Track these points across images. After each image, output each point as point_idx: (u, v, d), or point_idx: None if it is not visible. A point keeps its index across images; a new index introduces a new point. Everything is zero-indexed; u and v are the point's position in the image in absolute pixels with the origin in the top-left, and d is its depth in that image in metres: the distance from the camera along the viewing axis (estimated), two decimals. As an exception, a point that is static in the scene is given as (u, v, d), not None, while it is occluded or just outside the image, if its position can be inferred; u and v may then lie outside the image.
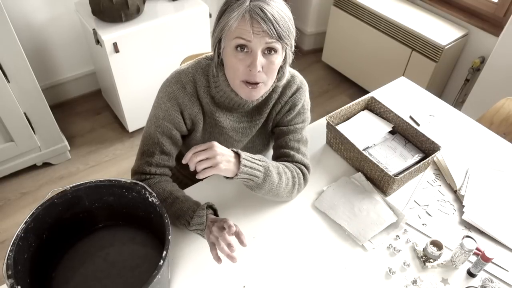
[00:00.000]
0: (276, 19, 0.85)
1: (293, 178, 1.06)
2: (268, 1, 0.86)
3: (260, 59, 0.89)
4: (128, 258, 0.96)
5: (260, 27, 0.85)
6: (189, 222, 0.96)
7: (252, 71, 0.90)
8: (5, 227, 1.97)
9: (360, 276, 1.01)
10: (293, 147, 1.10)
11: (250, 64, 0.89)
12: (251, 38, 0.86)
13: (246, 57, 0.89)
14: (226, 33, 0.89)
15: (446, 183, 1.26)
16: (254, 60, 0.89)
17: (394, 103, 1.51)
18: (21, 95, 1.88)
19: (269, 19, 0.84)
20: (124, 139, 2.43)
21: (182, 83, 1.01)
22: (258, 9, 0.84)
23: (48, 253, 0.92)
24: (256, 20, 0.84)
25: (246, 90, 0.94)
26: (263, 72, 0.92)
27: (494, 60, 2.06)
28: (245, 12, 0.85)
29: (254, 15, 0.84)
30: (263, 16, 0.84)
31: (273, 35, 0.86)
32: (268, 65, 0.91)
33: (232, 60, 0.91)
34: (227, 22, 0.87)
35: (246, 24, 0.85)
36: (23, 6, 2.11)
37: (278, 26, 0.86)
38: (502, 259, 1.07)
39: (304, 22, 3.04)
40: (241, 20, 0.85)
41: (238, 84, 0.94)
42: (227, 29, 0.88)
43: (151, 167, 1.04)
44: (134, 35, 2.01)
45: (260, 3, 0.85)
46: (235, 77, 0.93)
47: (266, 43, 0.87)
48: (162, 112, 1.02)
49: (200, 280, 0.98)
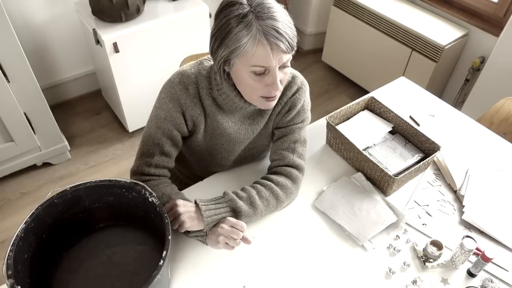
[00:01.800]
0: (288, 34, 0.85)
1: (275, 195, 1.05)
2: (275, 15, 0.84)
3: (279, 77, 0.90)
4: (128, 258, 0.96)
5: (279, 48, 0.84)
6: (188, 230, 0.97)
7: (273, 89, 0.91)
8: (5, 227, 1.97)
9: (360, 276, 1.01)
10: (289, 148, 1.10)
11: (270, 83, 0.90)
12: (271, 63, 0.86)
13: (265, 78, 0.90)
14: (239, 57, 0.87)
15: (446, 183, 1.26)
16: (275, 80, 0.90)
17: (394, 103, 1.51)
18: (21, 95, 1.88)
19: (285, 38, 0.84)
20: (124, 139, 2.43)
21: (185, 84, 1.01)
22: (273, 31, 0.83)
23: (48, 253, 0.92)
24: (274, 43, 0.83)
25: (264, 103, 0.96)
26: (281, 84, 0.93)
27: (494, 60, 2.06)
28: (259, 35, 0.83)
29: (271, 39, 0.83)
30: (279, 37, 0.83)
31: (289, 51, 0.86)
32: (284, 76, 0.93)
33: (249, 81, 0.91)
34: (239, 46, 0.84)
35: (265, 49, 0.83)
36: (23, 6, 2.11)
37: (291, 40, 0.86)
38: (502, 259, 1.07)
39: (304, 22, 3.04)
40: (258, 44, 0.83)
41: (256, 98, 0.96)
42: (241, 52, 0.85)
43: (151, 167, 1.04)
44: (134, 35, 2.01)
45: (270, 21, 0.83)
46: (253, 94, 0.94)
47: (283, 62, 0.88)
48: (164, 112, 1.02)
49: (200, 280, 0.98)
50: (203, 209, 0.95)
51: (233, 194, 1.01)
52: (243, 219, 1.00)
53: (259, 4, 0.84)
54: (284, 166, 1.09)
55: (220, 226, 0.94)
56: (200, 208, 0.95)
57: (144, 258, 0.96)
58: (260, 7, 0.84)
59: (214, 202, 0.98)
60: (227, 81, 0.98)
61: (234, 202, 0.99)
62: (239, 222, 0.93)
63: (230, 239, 0.92)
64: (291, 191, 1.08)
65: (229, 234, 0.92)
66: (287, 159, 1.09)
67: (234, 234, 0.92)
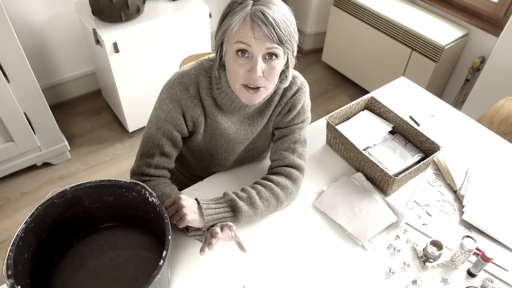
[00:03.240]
0: (277, 23, 0.85)
1: (275, 197, 1.05)
2: (271, 5, 0.85)
3: (260, 64, 0.89)
4: (127, 258, 0.96)
5: (261, 31, 0.84)
6: (188, 228, 0.97)
7: (252, 76, 0.89)
8: (5, 227, 1.97)
9: (360, 276, 1.01)
10: (289, 148, 1.10)
11: (250, 69, 0.89)
12: (252, 42, 0.85)
13: (247, 62, 0.89)
14: (228, 37, 0.88)
15: (446, 183, 1.26)
16: (254, 65, 0.88)
17: (394, 103, 1.51)
18: (21, 95, 1.88)
19: (270, 23, 0.84)
20: (124, 139, 2.43)
21: (185, 85, 1.01)
22: (259, 13, 0.84)
23: (48, 253, 0.92)
24: (257, 24, 0.84)
25: (246, 94, 0.94)
26: (264, 77, 0.91)
27: (494, 60, 2.06)
28: (247, 15, 0.84)
29: (255, 19, 0.84)
30: (264, 20, 0.84)
31: (274, 39, 0.85)
32: (269, 70, 0.91)
33: (233, 65, 0.91)
34: (229, 26, 0.87)
35: (247, 28, 0.85)
36: (23, 6, 2.11)
37: (279, 30, 0.85)
38: (502, 259, 1.07)
39: (304, 22, 3.04)
40: (243, 23, 0.85)
41: (239, 88, 0.94)
42: (229, 32, 0.87)
43: (150, 168, 1.04)
44: (134, 35, 2.01)
45: (262, 7, 0.84)
46: (236, 80, 0.93)
47: (266, 48, 0.87)
48: (164, 113, 1.02)
49: (200, 280, 0.98)
50: (204, 207, 0.95)
51: (233, 194, 1.01)
52: (243, 220, 1.00)
53: None
54: (284, 166, 1.09)
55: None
56: (201, 206, 0.95)
57: (144, 258, 0.96)
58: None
59: (214, 202, 0.98)
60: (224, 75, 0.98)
61: (235, 202, 0.99)
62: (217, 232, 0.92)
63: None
64: (291, 191, 1.08)
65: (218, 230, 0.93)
66: (287, 159, 1.09)
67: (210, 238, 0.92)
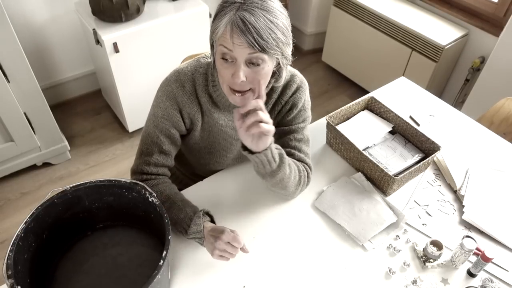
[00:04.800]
0: (258, 31, 0.80)
1: (299, 173, 1.06)
2: (257, 10, 0.81)
3: (243, 69, 0.86)
4: (128, 258, 0.96)
5: (240, 39, 0.82)
6: (187, 230, 0.96)
7: (235, 80, 0.87)
8: (5, 227, 1.97)
9: (360, 276, 1.01)
10: (295, 147, 1.10)
11: (233, 73, 0.87)
12: (232, 48, 0.83)
13: (231, 66, 0.87)
14: (215, 39, 0.88)
15: (446, 183, 1.26)
16: (236, 71, 0.86)
17: (394, 103, 1.51)
18: (21, 95, 1.88)
19: (249, 31, 0.80)
20: (124, 139, 2.43)
21: (181, 81, 1.01)
22: (239, 21, 0.80)
23: (48, 253, 0.92)
24: (236, 32, 0.81)
25: (233, 96, 0.93)
26: (248, 81, 0.89)
27: (494, 60, 2.06)
28: (228, 22, 0.82)
29: (234, 27, 0.81)
30: (243, 28, 0.80)
31: (255, 47, 0.82)
32: (253, 74, 0.88)
33: (219, 67, 0.90)
34: (215, 29, 0.85)
35: (227, 35, 0.83)
36: (23, 6, 2.11)
37: (261, 38, 0.81)
38: (502, 259, 1.07)
39: (304, 22, 3.04)
40: (225, 30, 0.83)
41: (226, 89, 0.93)
42: (215, 35, 0.86)
43: (150, 166, 1.04)
44: (134, 35, 2.01)
45: (244, 13, 0.80)
46: (223, 82, 0.93)
47: (248, 53, 0.84)
48: (161, 111, 1.02)
49: (200, 280, 0.98)
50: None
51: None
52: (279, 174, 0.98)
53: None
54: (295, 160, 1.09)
55: (217, 240, 0.91)
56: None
57: (144, 258, 0.96)
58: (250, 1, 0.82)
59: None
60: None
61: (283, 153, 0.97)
62: (235, 238, 0.90)
63: (225, 253, 0.91)
64: (305, 181, 1.09)
65: (225, 249, 0.91)
66: (297, 156, 1.09)
67: (229, 249, 0.91)
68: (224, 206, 1.14)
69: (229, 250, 0.90)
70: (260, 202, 1.16)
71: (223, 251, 0.91)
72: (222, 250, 0.91)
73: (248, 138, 0.88)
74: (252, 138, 0.88)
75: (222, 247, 0.90)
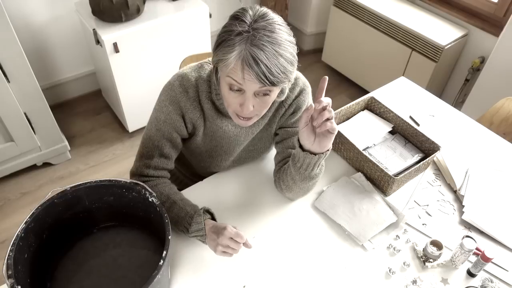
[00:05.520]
0: (269, 69, 0.81)
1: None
2: (266, 44, 0.80)
3: (251, 101, 0.88)
4: (128, 258, 0.96)
5: (250, 76, 0.82)
6: (188, 229, 0.97)
7: (243, 110, 0.89)
8: (5, 227, 1.97)
9: (360, 276, 1.01)
10: None
11: (242, 103, 0.89)
12: (243, 82, 0.84)
13: (239, 96, 0.88)
14: (221, 67, 0.87)
15: (446, 183, 1.26)
16: (245, 103, 0.88)
17: (394, 103, 1.51)
18: (21, 95, 1.88)
19: (260, 69, 0.80)
20: (124, 139, 2.43)
21: (185, 87, 1.00)
22: (250, 58, 0.80)
23: (48, 253, 0.92)
24: (247, 70, 0.81)
25: (238, 120, 0.95)
26: (255, 109, 0.91)
27: (494, 60, 2.06)
28: (238, 57, 0.81)
29: (246, 65, 0.81)
30: (254, 67, 0.80)
31: (265, 83, 0.83)
32: (261, 103, 0.90)
33: (225, 94, 0.90)
34: (223, 59, 0.83)
35: (238, 70, 0.83)
36: (23, 6, 2.11)
37: (271, 75, 0.81)
38: (502, 259, 1.07)
39: (304, 22, 3.04)
40: (235, 64, 0.82)
41: (231, 112, 0.95)
42: (222, 64, 0.85)
43: (150, 169, 1.04)
44: (134, 35, 2.01)
45: (255, 49, 0.80)
46: (229, 107, 0.94)
47: (259, 87, 0.85)
48: (164, 115, 1.02)
49: (200, 280, 0.98)
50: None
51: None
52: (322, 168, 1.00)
53: (260, 28, 0.82)
54: None
55: (220, 236, 0.91)
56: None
57: (144, 258, 0.96)
58: (257, 31, 0.81)
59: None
60: None
61: None
62: (238, 234, 0.91)
63: (228, 249, 0.92)
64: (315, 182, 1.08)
65: (228, 245, 0.91)
66: None
67: (232, 245, 0.91)
68: (224, 206, 1.14)
69: (232, 245, 0.90)
70: (260, 202, 1.16)
71: (226, 247, 0.91)
72: (225, 246, 0.91)
73: (311, 138, 0.90)
74: (315, 138, 0.90)
75: (225, 243, 0.90)
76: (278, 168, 1.13)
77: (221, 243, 0.91)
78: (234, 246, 0.90)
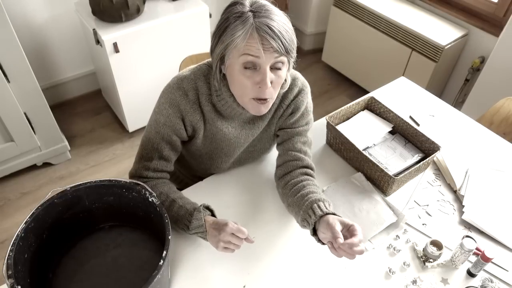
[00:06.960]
0: (283, 35, 0.85)
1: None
2: (272, 16, 0.86)
3: (269, 75, 0.89)
4: (128, 258, 0.96)
5: (269, 43, 0.85)
6: (188, 226, 0.96)
7: (262, 88, 0.90)
8: (5, 227, 1.97)
9: (360, 276, 1.01)
10: (301, 150, 1.10)
11: (260, 81, 0.90)
12: (261, 54, 0.86)
13: (255, 74, 0.89)
14: (231, 51, 0.88)
15: (446, 183, 1.26)
16: (264, 77, 0.89)
17: (394, 103, 1.51)
18: (21, 95, 1.88)
19: (277, 35, 0.84)
20: (124, 139, 2.43)
21: (184, 90, 1.00)
22: (265, 27, 0.84)
23: (48, 253, 0.92)
24: (265, 38, 0.84)
25: (255, 106, 0.95)
26: (272, 86, 0.92)
27: (494, 60, 2.06)
28: (252, 30, 0.85)
29: (262, 33, 0.84)
30: (271, 34, 0.84)
31: (281, 51, 0.86)
32: (276, 79, 0.92)
33: (240, 78, 0.90)
34: (233, 40, 0.86)
35: (255, 41, 0.85)
36: (23, 6, 2.11)
37: (285, 41, 0.86)
38: (502, 259, 1.07)
39: (304, 22, 3.04)
40: (250, 38, 0.85)
41: (248, 101, 0.95)
42: (233, 47, 0.87)
43: (149, 171, 1.04)
44: (134, 35, 2.01)
45: (265, 19, 0.85)
46: (244, 94, 0.94)
47: (275, 57, 0.87)
48: (163, 118, 1.01)
49: (200, 280, 0.98)
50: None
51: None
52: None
53: (260, 6, 0.87)
54: (303, 167, 1.09)
55: (221, 232, 0.91)
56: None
57: (144, 258, 0.96)
58: (259, 8, 0.86)
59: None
60: (225, 86, 0.98)
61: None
62: (240, 229, 0.91)
63: (230, 244, 0.92)
64: None
65: (230, 241, 0.91)
66: (305, 161, 1.09)
67: (234, 240, 0.91)
68: (224, 206, 1.13)
69: (234, 241, 0.90)
70: (260, 202, 1.16)
71: (228, 243, 0.91)
72: (227, 241, 0.91)
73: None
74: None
75: (226, 239, 0.90)
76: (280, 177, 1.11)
77: (223, 239, 0.91)
78: (236, 241, 0.90)
